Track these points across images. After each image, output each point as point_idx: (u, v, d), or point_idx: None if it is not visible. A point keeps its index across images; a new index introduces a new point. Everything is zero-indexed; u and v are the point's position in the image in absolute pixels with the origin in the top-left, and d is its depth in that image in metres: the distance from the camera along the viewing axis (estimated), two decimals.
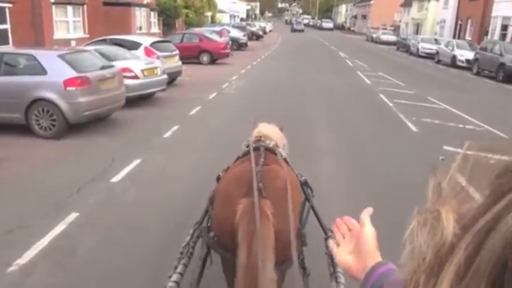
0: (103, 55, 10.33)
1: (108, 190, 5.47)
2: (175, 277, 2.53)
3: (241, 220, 2.24)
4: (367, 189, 5.57)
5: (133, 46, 13.25)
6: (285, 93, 12.43)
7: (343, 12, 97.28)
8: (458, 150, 0.48)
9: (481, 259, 0.37)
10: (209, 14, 55.17)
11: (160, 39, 13.94)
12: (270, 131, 3.23)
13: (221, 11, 63.90)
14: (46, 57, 7.93)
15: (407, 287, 0.44)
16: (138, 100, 10.63)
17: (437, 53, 28.30)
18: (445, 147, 7.05)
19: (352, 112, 10.34)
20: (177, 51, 14.14)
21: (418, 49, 32.26)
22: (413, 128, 8.64)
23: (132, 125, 8.72)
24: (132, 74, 10.23)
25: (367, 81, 16.06)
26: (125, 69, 10.12)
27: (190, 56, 20.93)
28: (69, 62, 7.79)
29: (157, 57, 13.06)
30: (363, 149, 7.52)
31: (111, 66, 8.79)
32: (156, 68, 11.03)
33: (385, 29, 54.15)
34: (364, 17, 74.90)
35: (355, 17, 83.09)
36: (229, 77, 16.51)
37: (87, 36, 24.32)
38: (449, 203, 0.43)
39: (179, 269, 2.60)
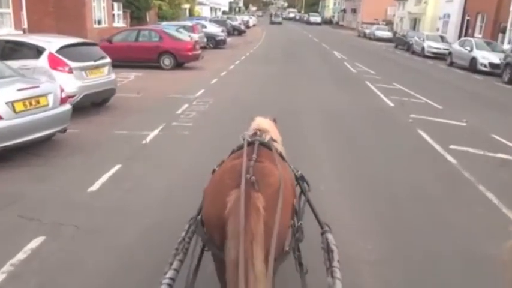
0: None
1: None
2: (170, 273, 2.40)
3: (232, 211, 2.10)
4: None
5: (35, 52, 8.46)
6: None
7: (330, 6, 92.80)
8: None
9: None
10: (187, 6, 50.07)
11: (78, 41, 9.10)
12: (267, 126, 3.15)
13: (201, 3, 58.77)
14: None
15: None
16: (10, 152, 5.90)
17: (450, 53, 23.95)
18: None
19: (395, 188, 5.54)
20: (107, 60, 9.32)
21: (423, 48, 27.90)
22: None
23: None
24: None
25: (387, 100, 11.41)
26: None
27: (148, 59, 16.25)
28: None
29: (70, 70, 8.31)
30: None
31: None
32: (43, 95, 6.25)
33: (379, 24, 49.77)
34: (354, 11, 70.58)
35: (344, 11, 78.72)
36: (192, 91, 11.78)
37: (20, 33, 19.29)
38: None
39: (174, 265, 2.47)
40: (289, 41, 34.77)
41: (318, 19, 77.07)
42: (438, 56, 26.40)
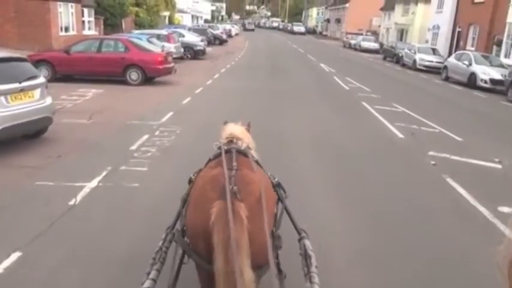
0: None
1: None
2: (148, 283, 2.40)
3: (216, 223, 2.12)
4: None
5: None
6: None
7: (314, 16, 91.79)
8: None
9: None
10: (166, 13, 47.98)
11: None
12: (240, 132, 3.10)
13: (181, 11, 56.77)
14: None
15: None
16: None
17: (445, 67, 22.38)
18: None
19: None
20: (39, 80, 7.14)
21: (415, 61, 26.33)
22: None
23: None
24: None
25: (393, 129, 9.41)
26: None
27: (112, 72, 14.09)
28: None
29: None
30: None
31: None
32: None
33: (365, 34, 48.50)
34: (338, 21, 69.47)
35: (328, 21, 77.62)
36: (158, 115, 9.70)
37: None
38: None
39: (152, 275, 2.47)
40: (272, 52, 32.95)
41: (302, 29, 75.86)
42: (430, 70, 24.90)
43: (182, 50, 22.93)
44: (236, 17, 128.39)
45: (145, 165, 6.42)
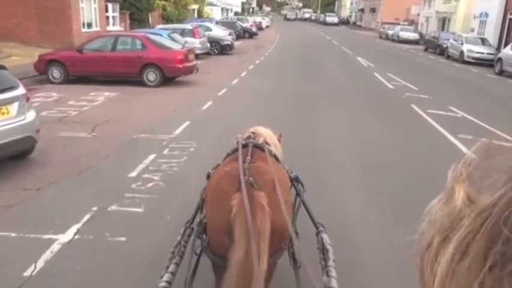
0: None
1: None
2: (167, 277, 2.42)
3: (238, 214, 2.14)
4: None
5: None
6: None
7: (347, 6, 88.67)
8: None
9: (484, 230, 0.42)
10: (195, 7, 46.72)
11: None
12: (262, 130, 3.19)
13: (211, 4, 55.46)
14: None
15: (424, 251, 0.50)
16: None
17: (499, 60, 20.00)
18: None
19: None
20: (16, 91, 5.75)
21: (462, 53, 23.93)
22: None
23: None
24: None
25: (458, 144, 7.44)
26: None
27: (128, 73, 12.76)
28: None
29: None
30: None
31: None
32: None
33: (403, 24, 45.73)
34: (373, 10, 66.50)
35: (362, 10, 74.59)
36: (172, 125, 8.24)
37: None
38: (462, 181, 0.48)
39: (171, 269, 2.49)
40: (305, 45, 31.02)
41: (335, 19, 73.21)
42: (480, 63, 22.50)
43: (208, 45, 21.49)
44: (267, 8, 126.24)
45: (141, 203, 4.93)
